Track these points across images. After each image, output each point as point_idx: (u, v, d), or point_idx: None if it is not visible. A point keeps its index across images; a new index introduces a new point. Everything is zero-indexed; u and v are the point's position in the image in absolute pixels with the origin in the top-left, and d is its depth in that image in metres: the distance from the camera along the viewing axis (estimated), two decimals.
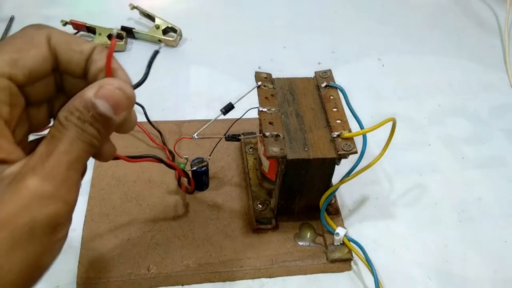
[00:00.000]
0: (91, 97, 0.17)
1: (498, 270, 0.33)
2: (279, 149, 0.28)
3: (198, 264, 0.30)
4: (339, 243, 0.31)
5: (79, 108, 0.17)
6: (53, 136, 0.17)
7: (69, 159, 0.17)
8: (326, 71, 0.33)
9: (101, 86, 0.17)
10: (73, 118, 0.17)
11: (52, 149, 0.17)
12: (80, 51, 0.19)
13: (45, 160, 0.16)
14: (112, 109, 0.17)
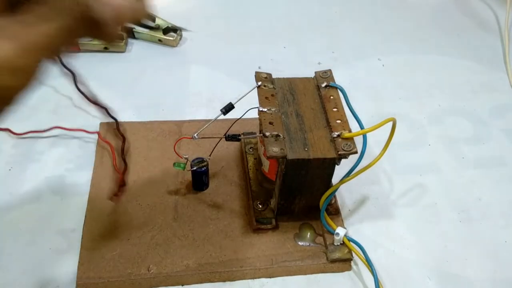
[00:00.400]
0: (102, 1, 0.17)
1: (498, 270, 0.33)
2: (279, 149, 0.28)
3: (198, 264, 0.30)
4: (339, 243, 0.31)
5: (82, 3, 0.17)
6: (43, 13, 0.16)
7: (45, 41, 0.16)
8: (326, 71, 0.33)
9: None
10: (75, 9, 0.17)
11: (37, 25, 0.16)
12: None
13: (25, 31, 0.16)
14: (113, 22, 0.17)
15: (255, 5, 0.56)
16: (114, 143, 0.37)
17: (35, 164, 0.37)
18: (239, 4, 0.55)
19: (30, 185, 0.36)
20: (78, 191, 0.35)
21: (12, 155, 0.38)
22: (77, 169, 0.37)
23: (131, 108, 0.42)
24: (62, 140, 0.39)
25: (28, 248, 0.32)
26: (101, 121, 0.39)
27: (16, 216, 0.34)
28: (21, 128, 0.39)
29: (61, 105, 0.43)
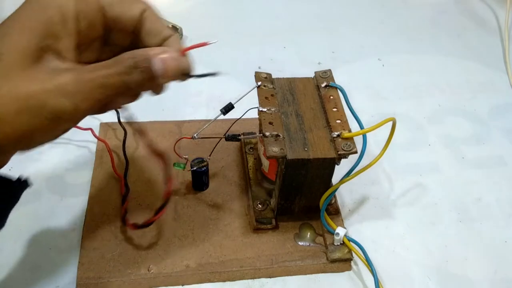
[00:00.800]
0: (154, 54, 0.20)
1: (498, 270, 0.33)
2: (279, 149, 0.28)
3: (198, 264, 0.30)
4: (339, 243, 0.31)
5: (139, 56, 0.20)
6: (107, 63, 0.20)
7: (103, 82, 0.20)
8: (326, 71, 0.33)
9: (165, 51, 0.21)
10: (131, 60, 0.20)
11: (98, 68, 0.20)
12: (160, 31, 0.22)
13: (87, 71, 0.19)
14: (162, 72, 0.21)
15: (255, 5, 0.56)
16: (113, 144, 0.37)
17: (35, 164, 0.37)
18: (239, 4, 0.55)
19: None
20: (78, 191, 0.35)
21: None
22: (77, 169, 0.37)
23: (131, 108, 0.42)
24: (62, 140, 0.39)
25: (28, 248, 0.31)
26: (101, 122, 0.39)
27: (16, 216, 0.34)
28: None
29: None
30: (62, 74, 0.19)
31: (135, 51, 0.21)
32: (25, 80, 0.18)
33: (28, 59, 0.19)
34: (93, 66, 0.20)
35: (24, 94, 0.18)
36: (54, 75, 0.19)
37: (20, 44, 0.19)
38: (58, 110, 0.19)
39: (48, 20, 0.19)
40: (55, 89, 0.19)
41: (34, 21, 0.19)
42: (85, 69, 0.20)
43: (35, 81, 0.19)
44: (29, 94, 0.18)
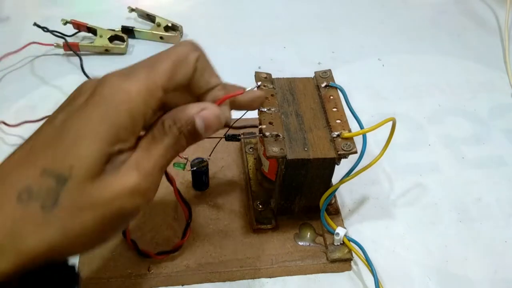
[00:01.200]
0: (194, 114, 0.21)
1: (498, 270, 0.33)
2: (279, 149, 0.28)
3: (198, 264, 0.30)
4: (339, 243, 0.31)
5: (181, 121, 0.21)
6: (154, 137, 0.20)
7: (161, 163, 0.20)
8: (326, 71, 0.33)
9: (204, 108, 0.21)
10: (175, 128, 0.20)
11: (152, 150, 0.20)
12: (208, 81, 0.22)
13: (146, 159, 0.20)
14: (204, 129, 0.21)
15: (255, 5, 0.56)
16: None
17: None
18: (239, 4, 0.55)
19: None
20: None
21: None
22: None
23: None
24: None
25: None
26: None
27: None
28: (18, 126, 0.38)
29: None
30: (129, 173, 0.19)
31: (174, 114, 0.21)
32: (96, 189, 0.18)
33: (98, 167, 0.18)
34: (147, 150, 0.20)
35: (98, 204, 0.18)
36: (122, 177, 0.19)
37: (91, 156, 0.18)
38: (132, 209, 0.19)
39: (120, 125, 0.19)
40: (128, 192, 0.19)
41: (105, 128, 0.18)
42: (143, 158, 0.20)
43: (107, 189, 0.18)
44: (103, 203, 0.18)
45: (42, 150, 0.18)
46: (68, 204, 0.18)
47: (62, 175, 0.18)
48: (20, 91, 0.44)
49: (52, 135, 0.19)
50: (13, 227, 0.17)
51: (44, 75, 0.45)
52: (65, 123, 0.19)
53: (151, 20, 0.50)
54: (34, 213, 0.17)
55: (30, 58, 0.47)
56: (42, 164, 0.18)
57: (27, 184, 0.18)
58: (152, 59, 0.21)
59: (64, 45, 0.46)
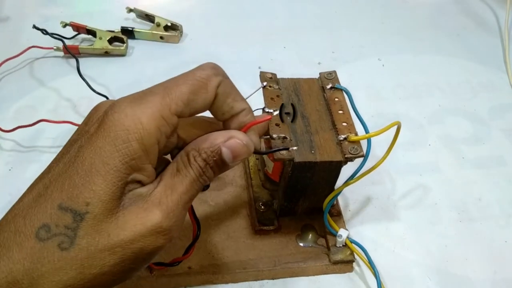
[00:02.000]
0: (220, 144, 0.20)
1: (498, 270, 0.33)
2: (286, 151, 0.28)
3: (200, 266, 0.30)
4: (341, 245, 0.31)
5: (207, 151, 0.19)
6: (179, 170, 0.19)
7: (186, 199, 0.19)
8: (331, 72, 0.33)
9: (231, 137, 0.20)
10: (199, 160, 0.19)
11: (176, 184, 0.19)
12: (232, 107, 0.21)
13: (168, 195, 0.19)
14: (232, 158, 0.20)
15: (255, 5, 0.55)
16: None
17: (35, 164, 0.37)
18: (239, 4, 0.55)
19: None
20: None
21: (12, 155, 0.38)
22: None
23: None
24: (62, 140, 0.39)
25: None
26: None
27: None
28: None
29: (61, 105, 0.42)
30: (150, 213, 0.18)
31: (198, 144, 0.20)
32: (116, 228, 0.17)
33: (115, 202, 0.18)
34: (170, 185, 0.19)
35: (117, 245, 0.17)
36: (143, 215, 0.18)
37: (105, 190, 0.17)
38: (154, 249, 0.19)
39: (132, 156, 0.18)
40: (149, 232, 0.18)
41: (117, 160, 0.17)
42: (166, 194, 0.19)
43: (127, 227, 0.18)
44: (123, 244, 0.18)
45: (58, 184, 0.18)
46: (86, 244, 0.17)
47: (79, 212, 0.17)
48: (19, 92, 0.43)
49: (67, 168, 0.18)
50: (32, 267, 0.17)
51: (43, 77, 0.45)
52: (77, 154, 0.18)
53: (150, 20, 0.50)
54: (52, 253, 0.17)
55: (30, 60, 0.46)
56: (58, 199, 0.17)
57: (44, 221, 0.17)
58: (168, 83, 0.20)
59: (63, 48, 0.45)
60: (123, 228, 0.17)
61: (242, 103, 0.21)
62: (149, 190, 0.19)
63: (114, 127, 0.18)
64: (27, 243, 0.17)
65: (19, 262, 0.17)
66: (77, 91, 0.43)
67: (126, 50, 0.47)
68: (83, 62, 0.44)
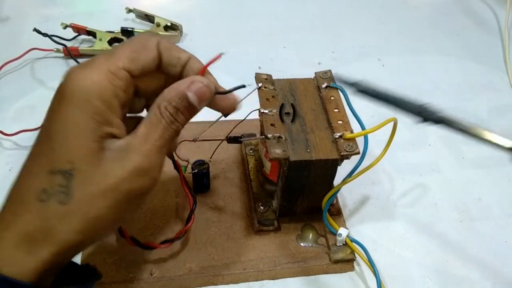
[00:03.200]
0: (185, 89, 0.22)
1: (498, 270, 0.33)
2: (281, 151, 0.28)
3: (201, 267, 0.30)
4: (342, 244, 0.32)
5: (175, 99, 0.22)
6: (151, 121, 0.22)
7: (161, 144, 0.21)
8: (326, 71, 0.33)
9: (192, 82, 0.22)
10: (170, 108, 0.22)
11: (149, 134, 0.21)
12: (178, 57, 0.23)
13: (144, 142, 0.21)
14: (197, 100, 0.22)
15: (255, 5, 0.55)
16: None
17: None
18: (239, 4, 0.55)
19: None
20: None
21: (12, 155, 0.38)
22: None
23: None
24: None
25: None
26: None
27: None
28: (17, 128, 0.38)
29: None
30: (129, 158, 0.20)
31: (165, 95, 0.22)
32: (103, 177, 0.20)
33: (95, 155, 0.20)
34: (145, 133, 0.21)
35: (107, 190, 0.20)
36: (123, 162, 0.20)
37: (83, 146, 0.20)
38: (141, 189, 0.21)
39: (96, 111, 0.20)
40: (132, 174, 0.20)
41: (84, 118, 0.20)
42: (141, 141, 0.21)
43: (111, 173, 0.20)
44: (112, 188, 0.20)
45: (41, 154, 0.20)
46: (81, 194, 0.20)
47: (66, 170, 0.20)
48: (19, 93, 0.43)
49: (44, 139, 0.21)
50: (42, 224, 0.20)
51: (43, 77, 0.45)
52: (49, 126, 0.20)
53: (149, 21, 0.50)
54: (55, 209, 0.20)
55: (30, 61, 0.46)
56: (46, 166, 0.20)
57: (41, 186, 0.20)
58: (111, 49, 0.23)
59: (63, 50, 0.45)
60: (108, 174, 0.20)
61: (185, 53, 0.24)
62: (126, 141, 0.21)
63: (73, 92, 0.20)
64: (33, 207, 0.20)
65: (31, 223, 0.20)
66: None
67: None
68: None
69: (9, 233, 0.20)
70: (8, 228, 0.20)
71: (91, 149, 0.20)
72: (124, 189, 0.20)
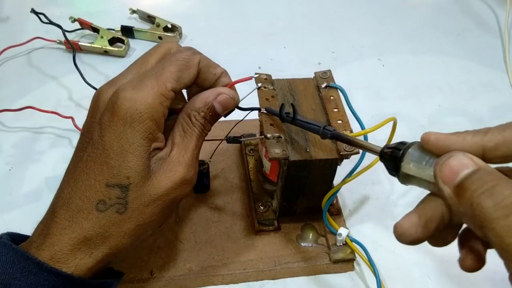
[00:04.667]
0: (213, 100, 0.25)
1: (498, 270, 0.33)
2: (281, 150, 0.28)
3: (201, 267, 0.30)
4: (342, 244, 0.32)
5: (203, 109, 0.24)
6: (185, 131, 0.24)
7: (197, 152, 0.24)
8: (326, 71, 0.33)
9: (219, 93, 0.25)
10: (199, 118, 0.24)
11: (188, 143, 0.24)
12: (214, 74, 0.26)
13: (184, 153, 0.24)
14: (222, 110, 0.25)
15: (255, 5, 0.55)
16: None
17: (35, 164, 0.37)
18: (239, 4, 0.55)
19: (30, 185, 0.36)
20: None
21: (12, 155, 0.38)
22: None
23: None
24: (62, 140, 0.39)
25: None
26: None
27: (16, 216, 0.34)
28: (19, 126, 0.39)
29: (61, 105, 0.42)
30: (175, 169, 0.23)
31: (195, 105, 0.24)
32: (154, 188, 0.23)
33: (146, 169, 0.23)
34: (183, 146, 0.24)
35: (158, 199, 0.23)
36: (170, 174, 0.23)
37: (138, 164, 0.22)
38: (183, 195, 0.24)
39: (149, 131, 0.22)
40: (178, 185, 0.23)
41: (140, 138, 0.22)
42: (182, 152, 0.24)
43: (161, 185, 0.23)
44: (161, 198, 0.23)
45: (96, 167, 0.22)
46: (136, 205, 0.23)
47: (124, 185, 0.22)
48: (18, 78, 0.44)
49: (98, 154, 0.22)
50: (100, 231, 0.22)
51: (41, 64, 0.46)
52: (104, 141, 0.22)
53: (151, 22, 0.50)
54: (113, 218, 0.22)
55: (30, 50, 0.47)
56: (103, 179, 0.22)
57: (99, 197, 0.22)
58: (157, 67, 0.24)
59: (65, 42, 0.46)
60: (159, 186, 0.23)
61: (219, 68, 0.26)
62: (167, 153, 0.24)
63: (128, 113, 0.22)
64: (91, 216, 0.22)
65: (91, 230, 0.22)
66: (78, 92, 0.43)
67: (126, 51, 0.47)
68: (83, 57, 0.45)
69: (66, 237, 0.22)
70: (65, 232, 0.22)
71: (144, 165, 0.22)
72: (171, 197, 0.23)
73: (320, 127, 0.26)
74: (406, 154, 0.19)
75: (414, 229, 0.18)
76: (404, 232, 0.18)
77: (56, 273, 0.21)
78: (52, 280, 0.21)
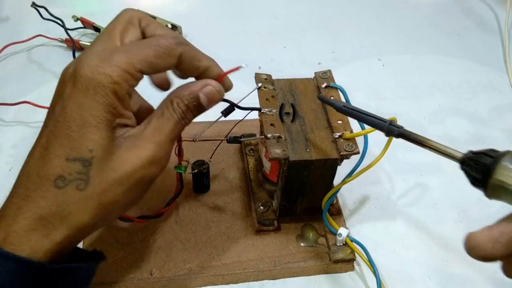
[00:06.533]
0: (198, 91, 0.23)
1: (498, 270, 0.33)
2: (281, 150, 0.28)
3: (201, 267, 0.31)
4: (342, 244, 0.32)
5: (187, 98, 0.23)
6: (163, 114, 0.23)
7: (171, 136, 0.23)
8: (326, 71, 0.33)
9: (205, 85, 0.24)
10: (182, 105, 0.23)
11: (164, 125, 0.23)
12: (198, 67, 0.24)
13: (157, 133, 0.22)
14: (207, 102, 0.24)
15: (255, 5, 0.55)
16: None
17: None
18: (239, 4, 0.55)
19: None
20: None
21: (12, 155, 0.38)
22: None
23: None
24: None
25: None
26: None
27: None
28: None
29: None
30: (143, 146, 0.22)
31: (179, 92, 0.23)
32: (119, 165, 0.21)
33: (110, 144, 0.21)
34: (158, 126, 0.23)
35: (123, 177, 0.21)
36: (137, 150, 0.22)
37: (103, 136, 0.21)
38: (151, 177, 0.23)
39: (111, 105, 0.21)
40: (146, 163, 0.22)
41: (101, 111, 0.21)
42: (155, 132, 0.23)
43: (127, 161, 0.21)
44: (128, 176, 0.21)
45: (56, 141, 0.21)
46: (98, 182, 0.21)
47: (85, 158, 0.21)
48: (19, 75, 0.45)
49: (59, 127, 0.21)
50: (58, 209, 0.20)
51: (42, 62, 0.46)
52: (64, 113, 0.21)
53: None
54: (73, 195, 0.20)
55: (31, 47, 0.48)
56: (62, 153, 0.21)
57: (58, 172, 0.20)
58: (131, 46, 0.23)
59: (66, 40, 0.47)
60: (125, 162, 0.21)
61: (205, 62, 0.25)
62: (140, 131, 0.22)
63: (91, 84, 0.21)
64: (49, 193, 0.20)
65: (47, 208, 0.20)
66: None
67: None
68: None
69: (21, 217, 0.20)
70: (20, 212, 0.20)
71: (108, 138, 0.21)
72: (137, 176, 0.22)
73: (386, 122, 0.23)
74: (502, 161, 0.16)
75: (491, 245, 0.17)
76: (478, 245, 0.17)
77: (8, 256, 0.19)
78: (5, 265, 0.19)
